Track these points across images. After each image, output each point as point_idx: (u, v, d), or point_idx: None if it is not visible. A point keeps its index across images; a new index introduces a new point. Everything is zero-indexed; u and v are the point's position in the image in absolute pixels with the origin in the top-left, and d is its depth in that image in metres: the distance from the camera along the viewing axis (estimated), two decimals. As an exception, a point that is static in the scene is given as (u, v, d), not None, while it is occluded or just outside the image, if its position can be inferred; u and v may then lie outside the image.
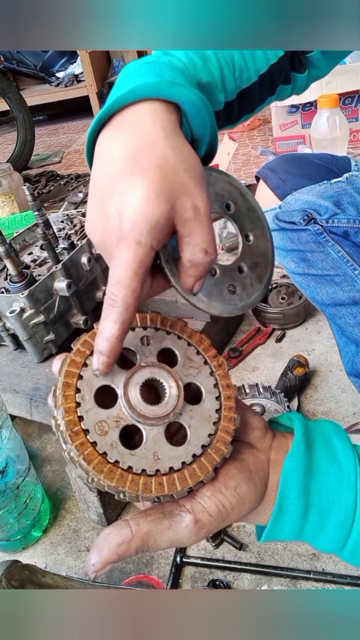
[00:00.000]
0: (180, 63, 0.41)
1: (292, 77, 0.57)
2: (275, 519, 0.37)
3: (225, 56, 0.46)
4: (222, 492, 0.35)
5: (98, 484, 0.33)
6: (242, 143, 2.64)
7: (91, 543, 0.89)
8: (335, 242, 0.84)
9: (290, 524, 0.38)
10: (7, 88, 2.93)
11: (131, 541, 0.33)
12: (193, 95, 0.36)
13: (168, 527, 0.34)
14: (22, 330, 0.92)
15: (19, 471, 0.85)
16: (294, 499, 0.37)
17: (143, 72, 0.37)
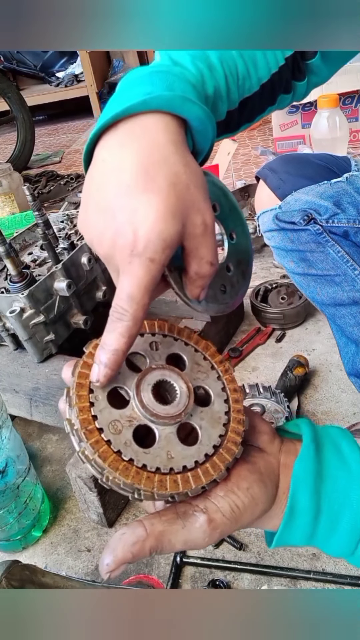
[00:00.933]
0: (190, 75, 0.41)
1: (292, 85, 0.57)
2: (287, 522, 0.37)
3: (229, 65, 0.46)
4: (235, 493, 0.35)
5: (113, 482, 0.33)
6: (242, 143, 2.64)
7: (91, 543, 0.89)
8: (335, 242, 0.84)
9: (302, 528, 0.37)
10: (7, 88, 2.93)
11: (145, 540, 0.33)
12: (202, 113, 0.37)
13: (182, 527, 0.34)
14: (22, 330, 0.92)
15: (19, 471, 0.85)
16: (305, 502, 0.37)
17: (154, 82, 0.37)
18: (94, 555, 0.87)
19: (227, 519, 0.35)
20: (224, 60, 0.45)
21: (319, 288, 0.90)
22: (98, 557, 0.86)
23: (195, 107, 0.36)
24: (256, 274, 1.52)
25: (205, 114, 0.37)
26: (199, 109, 0.36)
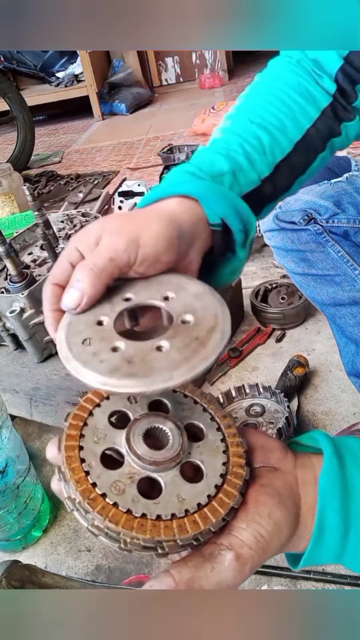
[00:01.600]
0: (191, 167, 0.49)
1: (342, 127, 0.57)
2: (316, 542, 0.36)
3: (251, 143, 0.51)
4: (257, 521, 0.34)
5: (132, 543, 0.31)
6: (242, 143, 2.64)
7: (91, 543, 0.89)
8: (335, 242, 0.84)
9: (331, 547, 0.36)
10: (7, 88, 2.93)
11: (176, 589, 0.32)
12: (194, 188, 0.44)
13: (211, 570, 0.33)
14: (22, 330, 0.92)
15: (19, 471, 0.85)
16: (334, 519, 0.36)
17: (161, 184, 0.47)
18: (93, 555, 0.87)
19: (254, 551, 0.33)
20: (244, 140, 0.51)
21: (319, 288, 0.90)
22: (98, 557, 0.86)
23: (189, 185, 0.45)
24: (256, 274, 1.52)
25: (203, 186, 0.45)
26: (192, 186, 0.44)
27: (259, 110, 0.54)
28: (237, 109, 0.57)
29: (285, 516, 0.35)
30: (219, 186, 0.46)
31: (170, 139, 3.05)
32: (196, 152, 0.52)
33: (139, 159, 2.91)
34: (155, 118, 3.71)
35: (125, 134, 3.47)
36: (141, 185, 1.84)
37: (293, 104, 0.55)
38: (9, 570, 0.70)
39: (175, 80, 4.50)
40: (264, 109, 0.54)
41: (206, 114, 2.97)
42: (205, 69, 4.33)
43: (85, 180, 2.68)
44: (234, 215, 0.45)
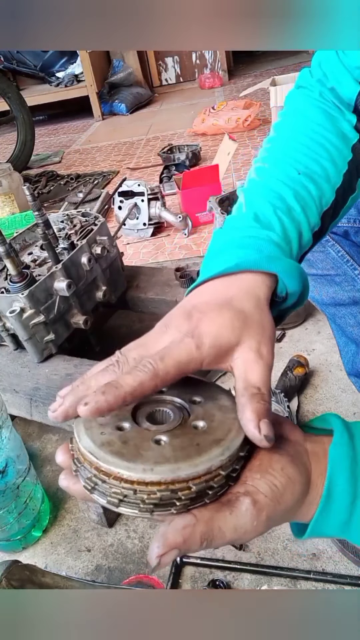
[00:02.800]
0: (275, 235, 0.48)
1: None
2: (324, 506, 0.37)
3: (304, 197, 0.51)
4: (271, 473, 0.35)
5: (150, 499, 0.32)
6: (242, 143, 2.64)
7: (91, 543, 0.89)
8: (335, 242, 0.84)
9: (339, 514, 0.37)
10: (7, 88, 2.93)
11: (196, 525, 0.32)
12: (287, 265, 0.44)
13: (230, 513, 0.34)
14: (22, 330, 0.92)
15: (19, 471, 0.85)
16: (343, 485, 0.36)
17: (245, 246, 0.46)
18: (93, 555, 0.87)
19: (270, 499, 0.34)
20: (298, 195, 0.51)
21: (319, 288, 0.90)
22: (98, 557, 0.86)
23: (280, 262, 0.44)
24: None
25: (289, 265, 0.44)
26: (284, 263, 0.44)
27: (300, 157, 0.54)
28: (276, 151, 0.56)
29: (298, 473, 0.36)
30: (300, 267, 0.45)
31: (170, 139, 3.05)
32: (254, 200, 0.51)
33: (139, 159, 2.91)
34: (155, 118, 3.71)
35: (125, 134, 3.47)
36: (141, 185, 1.84)
37: (330, 146, 0.55)
38: (9, 570, 0.70)
39: (175, 80, 4.50)
40: (305, 155, 0.54)
41: (206, 114, 2.97)
42: (205, 69, 4.33)
43: (85, 180, 2.68)
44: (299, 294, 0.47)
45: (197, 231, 1.90)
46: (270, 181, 0.53)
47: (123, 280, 1.20)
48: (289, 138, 0.57)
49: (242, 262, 0.43)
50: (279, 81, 2.38)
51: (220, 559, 0.81)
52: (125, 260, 1.52)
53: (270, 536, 0.83)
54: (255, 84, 2.64)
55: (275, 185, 0.52)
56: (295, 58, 4.23)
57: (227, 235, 0.49)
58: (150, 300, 1.20)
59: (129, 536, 0.88)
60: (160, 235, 1.94)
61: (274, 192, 0.51)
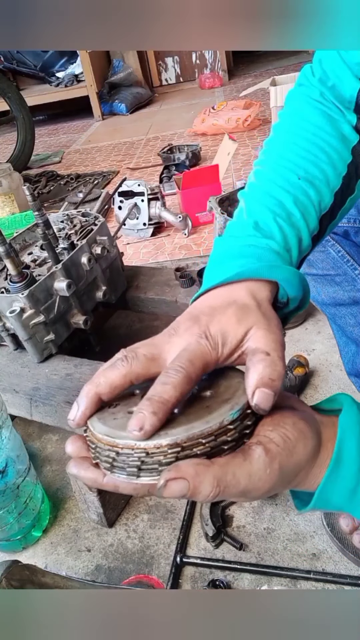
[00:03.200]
0: (275, 243, 0.48)
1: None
2: (333, 469, 0.37)
3: (303, 202, 0.52)
4: (283, 426, 0.36)
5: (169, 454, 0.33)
6: (242, 143, 2.64)
7: (91, 543, 0.89)
8: (335, 242, 0.84)
9: (347, 480, 0.37)
10: (7, 88, 2.93)
11: (210, 466, 0.33)
12: (287, 273, 0.45)
13: (244, 460, 0.34)
14: (22, 330, 0.92)
15: (19, 471, 0.85)
16: (352, 450, 0.37)
17: (246, 255, 0.47)
18: (93, 555, 0.87)
19: (282, 449, 0.35)
20: (298, 201, 0.51)
21: (319, 288, 0.90)
22: (98, 557, 0.86)
23: (280, 270, 0.45)
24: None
25: (289, 272, 0.45)
26: (284, 271, 0.45)
27: (300, 161, 0.54)
28: (275, 155, 0.56)
29: (310, 429, 0.37)
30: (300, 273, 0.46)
31: (170, 139, 3.05)
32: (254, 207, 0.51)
33: (139, 159, 2.91)
34: (155, 118, 3.71)
35: (125, 134, 3.47)
36: (141, 185, 1.84)
37: (330, 149, 0.55)
38: (9, 570, 0.70)
39: (175, 80, 4.50)
40: (305, 159, 0.54)
41: (206, 114, 2.97)
42: (205, 69, 4.33)
43: (85, 180, 2.68)
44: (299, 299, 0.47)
45: (197, 231, 1.90)
46: (270, 187, 0.53)
47: (123, 280, 1.20)
48: (288, 141, 0.57)
49: (243, 271, 0.44)
50: (279, 81, 2.38)
51: (220, 559, 0.81)
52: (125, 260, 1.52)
53: (270, 536, 0.83)
54: (255, 84, 2.64)
55: (275, 191, 0.52)
56: (295, 58, 4.23)
57: (228, 244, 0.50)
58: (150, 300, 1.20)
59: (129, 536, 0.88)
60: (160, 235, 1.94)
61: (274, 198, 0.52)
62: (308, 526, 0.83)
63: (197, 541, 0.85)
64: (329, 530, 0.80)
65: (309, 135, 0.56)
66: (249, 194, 0.54)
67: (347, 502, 0.38)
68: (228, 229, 0.52)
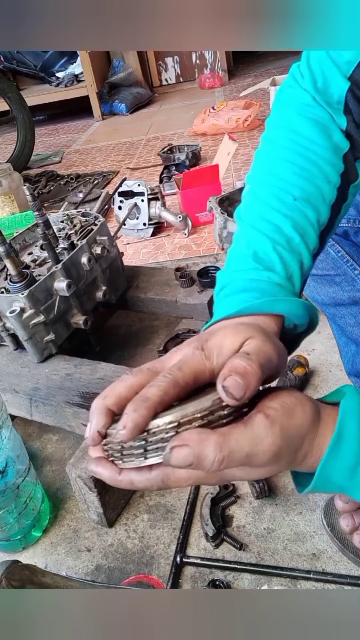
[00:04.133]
0: (276, 275, 0.49)
1: (356, 171, 0.57)
2: (334, 447, 0.38)
3: (302, 224, 0.52)
4: (282, 397, 0.38)
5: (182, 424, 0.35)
6: (242, 143, 2.64)
7: (91, 543, 0.89)
8: (335, 242, 0.84)
9: (347, 457, 0.38)
10: (7, 88, 2.93)
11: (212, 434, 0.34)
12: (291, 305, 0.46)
13: (245, 427, 0.36)
14: (22, 330, 0.92)
15: (19, 471, 0.85)
16: (353, 429, 0.38)
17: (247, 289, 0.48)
18: (94, 555, 0.87)
19: (281, 413, 0.37)
20: (296, 225, 0.51)
21: (319, 288, 0.90)
22: (98, 557, 0.86)
23: (283, 304, 0.46)
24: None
25: (293, 303, 0.46)
26: (287, 303, 0.46)
27: (295, 179, 0.53)
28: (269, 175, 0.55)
29: (307, 399, 0.39)
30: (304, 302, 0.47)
31: (170, 139, 3.05)
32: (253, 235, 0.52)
33: (139, 159, 2.91)
34: (155, 118, 3.71)
35: (125, 134, 3.47)
36: (141, 185, 1.84)
37: (324, 163, 0.54)
38: (8, 570, 0.70)
39: (175, 80, 4.50)
40: (300, 176, 0.53)
41: (206, 114, 2.97)
42: (205, 69, 4.33)
43: (85, 180, 2.68)
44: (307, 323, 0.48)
45: (197, 231, 1.90)
46: (267, 211, 0.52)
47: (123, 280, 1.20)
48: (280, 157, 0.55)
49: (245, 307, 0.45)
50: (279, 81, 2.38)
51: (220, 559, 0.81)
52: (125, 260, 1.52)
53: (270, 536, 0.83)
54: (255, 84, 2.64)
55: (272, 215, 0.52)
56: (295, 58, 4.20)
57: (230, 278, 0.51)
58: (150, 300, 1.20)
59: (129, 536, 0.88)
60: (160, 235, 1.94)
61: (271, 224, 0.51)
62: (308, 526, 0.83)
63: (197, 541, 0.85)
64: (329, 530, 0.80)
65: (302, 150, 0.54)
66: (246, 218, 0.54)
67: (347, 480, 0.39)
68: (228, 259, 0.53)
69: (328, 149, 0.55)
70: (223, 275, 0.52)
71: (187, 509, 0.89)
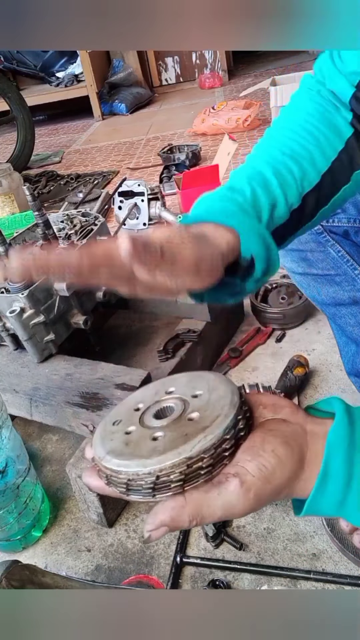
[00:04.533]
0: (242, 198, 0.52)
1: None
2: (319, 486, 0.38)
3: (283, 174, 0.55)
4: (261, 455, 0.38)
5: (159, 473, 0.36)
6: (242, 143, 2.64)
7: (91, 543, 0.89)
8: (335, 242, 0.84)
9: (334, 494, 0.39)
10: (7, 88, 2.93)
11: (184, 507, 0.36)
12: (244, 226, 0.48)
13: (218, 494, 0.36)
14: (22, 330, 0.92)
15: (19, 471, 0.85)
16: (339, 467, 0.38)
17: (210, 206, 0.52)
18: (94, 555, 0.87)
19: (257, 479, 0.37)
20: (277, 172, 0.54)
21: (320, 288, 0.90)
22: (98, 557, 0.87)
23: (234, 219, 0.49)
24: (256, 274, 1.52)
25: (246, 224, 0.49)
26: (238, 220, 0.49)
27: (287, 141, 0.58)
28: (266, 138, 0.61)
29: (289, 453, 0.38)
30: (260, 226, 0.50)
31: (170, 139, 3.05)
32: (234, 176, 0.55)
33: (139, 159, 2.91)
34: (155, 118, 3.71)
35: (125, 134, 3.47)
36: (141, 185, 1.84)
37: (319, 134, 0.58)
38: (8, 570, 0.70)
39: (175, 80, 4.50)
40: (292, 139, 0.58)
41: (206, 114, 2.97)
42: (205, 69, 4.33)
43: (85, 180, 2.68)
44: (264, 258, 0.50)
45: (197, 231, 1.90)
46: (254, 161, 0.57)
47: (123, 280, 1.20)
48: (281, 127, 0.61)
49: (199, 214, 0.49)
50: (279, 81, 2.38)
51: (220, 559, 0.81)
52: (125, 260, 1.52)
53: (270, 536, 0.83)
54: (255, 84, 2.65)
55: (258, 164, 0.56)
56: (295, 58, 4.22)
57: (199, 202, 0.55)
58: (150, 300, 1.20)
59: (129, 536, 0.88)
60: (160, 235, 1.93)
61: (254, 169, 0.55)
62: (308, 526, 0.83)
63: (197, 541, 0.85)
64: (329, 530, 0.80)
65: (300, 121, 0.59)
66: (234, 171, 0.58)
67: (337, 512, 0.39)
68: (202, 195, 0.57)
69: (325, 125, 0.58)
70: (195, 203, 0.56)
71: (187, 509, 0.89)
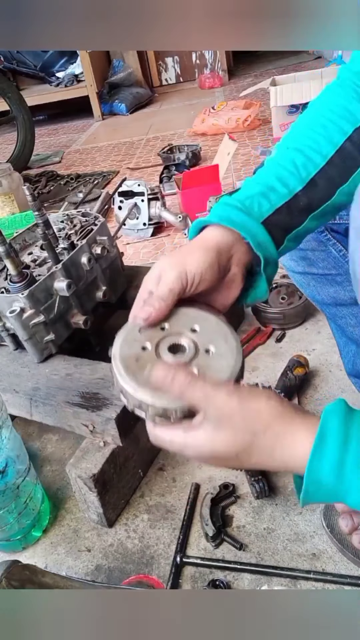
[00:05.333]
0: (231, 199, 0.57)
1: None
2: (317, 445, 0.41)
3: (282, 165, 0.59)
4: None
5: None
6: (242, 143, 2.64)
7: (91, 543, 0.89)
8: (337, 241, 0.84)
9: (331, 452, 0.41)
10: (7, 88, 2.93)
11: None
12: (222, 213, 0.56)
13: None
14: (22, 330, 0.92)
15: (19, 471, 0.85)
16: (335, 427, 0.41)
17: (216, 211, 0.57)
18: (93, 555, 0.87)
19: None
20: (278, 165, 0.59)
21: (320, 287, 0.90)
22: (98, 557, 0.87)
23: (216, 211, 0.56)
24: (256, 274, 1.52)
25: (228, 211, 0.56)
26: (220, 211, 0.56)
27: (297, 136, 0.61)
28: (282, 139, 0.65)
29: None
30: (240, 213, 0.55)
31: (170, 139, 3.05)
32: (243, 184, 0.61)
33: (139, 159, 2.91)
34: (155, 118, 3.71)
35: (125, 134, 3.47)
36: (141, 185, 1.83)
37: (328, 123, 0.60)
38: (9, 570, 0.70)
39: (175, 80, 4.50)
40: (302, 134, 0.61)
41: (206, 114, 2.97)
42: (205, 69, 4.33)
43: (85, 180, 2.68)
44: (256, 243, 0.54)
45: (197, 231, 1.90)
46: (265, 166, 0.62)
47: (123, 280, 1.20)
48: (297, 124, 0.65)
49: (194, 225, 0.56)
50: (279, 81, 2.38)
51: (220, 559, 0.81)
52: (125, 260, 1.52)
53: (270, 536, 0.83)
54: (255, 84, 2.64)
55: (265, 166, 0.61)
56: (295, 58, 4.22)
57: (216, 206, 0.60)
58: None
59: (129, 536, 0.88)
60: (160, 235, 1.94)
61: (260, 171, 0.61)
62: (308, 526, 0.83)
63: (197, 541, 0.85)
64: (328, 531, 0.80)
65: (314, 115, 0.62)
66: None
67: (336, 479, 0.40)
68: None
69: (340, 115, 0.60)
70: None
71: (187, 509, 0.89)
